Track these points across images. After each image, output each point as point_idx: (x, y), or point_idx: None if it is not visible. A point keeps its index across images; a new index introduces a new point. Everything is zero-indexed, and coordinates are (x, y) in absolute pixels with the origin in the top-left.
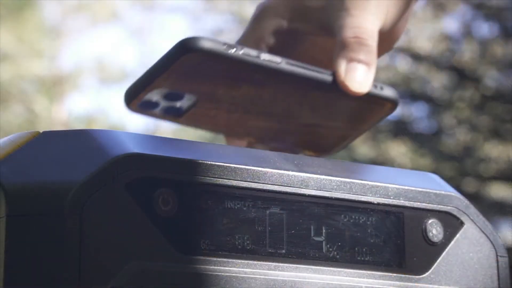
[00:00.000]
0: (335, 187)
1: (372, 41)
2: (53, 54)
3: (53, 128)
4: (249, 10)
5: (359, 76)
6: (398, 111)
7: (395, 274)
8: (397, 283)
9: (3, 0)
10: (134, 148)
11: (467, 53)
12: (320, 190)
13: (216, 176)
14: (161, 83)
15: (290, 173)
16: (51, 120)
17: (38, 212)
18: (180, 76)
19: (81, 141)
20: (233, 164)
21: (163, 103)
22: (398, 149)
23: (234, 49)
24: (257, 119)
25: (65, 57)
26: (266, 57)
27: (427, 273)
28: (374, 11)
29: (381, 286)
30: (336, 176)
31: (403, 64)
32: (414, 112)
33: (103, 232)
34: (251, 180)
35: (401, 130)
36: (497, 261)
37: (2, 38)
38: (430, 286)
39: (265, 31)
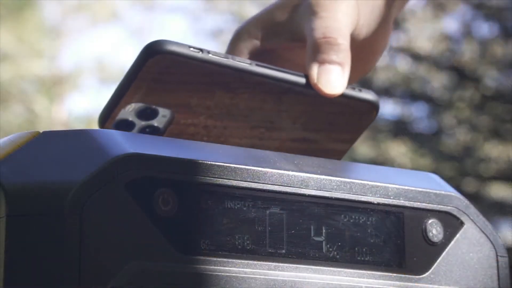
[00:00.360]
0: (335, 187)
1: (343, 39)
2: (53, 54)
3: (53, 128)
4: (249, 10)
5: (332, 77)
6: (398, 111)
7: (395, 274)
8: (397, 283)
9: (3, 0)
10: (134, 148)
11: (467, 53)
12: (320, 190)
13: (216, 176)
14: (132, 96)
15: (290, 173)
16: (51, 120)
17: (38, 212)
18: (150, 86)
19: (81, 141)
20: (233, 164)
21: (139, 123)
22: (398, 149)
23: (201, 52)
24: (237, 132)
25: (65, 57)
26: (236, 59)
27: (427, 273)
28: (344, 11)
29: (381, 286)
30: (336, 176)
31: (403, 64)
32: (414, 112)
33: (103, 232)
34: (251, 180)
35: (401, 130)
36: (497, 261)
37: (2, 38)
38: (430, 286)
39: (241, 54)
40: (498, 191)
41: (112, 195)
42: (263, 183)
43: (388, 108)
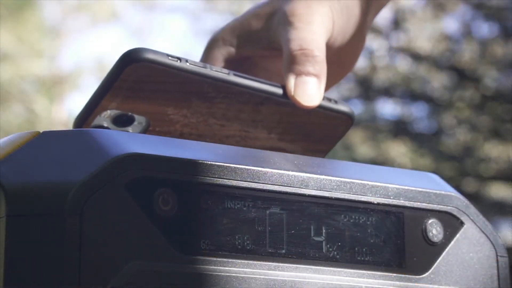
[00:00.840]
0: (335, 187)
1: (319, 51)
2: (53, 54)
3: (53, 128)
4: None
5: (309, 89)
6: (398, 111)
7: (395, 274)
8: (397, 283)
9: (3, 0)
10: (134, 148)
11: (467, 53)
12: (320, 190)
13: (216, 176)
14: (108, 103)
15: (290, 173)
16: (51, 120)
17: (38, 212)
18: (127, 94)
19: (81, 141)
20: (233, 164)
21: (114, 129)
22: (398, 149)
23: (179, 60)
24: (213, 141)
25: (65, 57)
26: (213, 68)
27: (427, 273)
28: (319, 22)
29: (381, 286)
30: (336, 176)
31: (403, 64)
32: (414, 112)
33: (103, 232)
34: (251, 180)
35: (401, 130)
36: (497, 261)
37: (2, 38)
38: (430, 286)
39: (216, 61)
40: (498, 191)
41: (112, 195)
42: (263, 183)
43: (388, 108)
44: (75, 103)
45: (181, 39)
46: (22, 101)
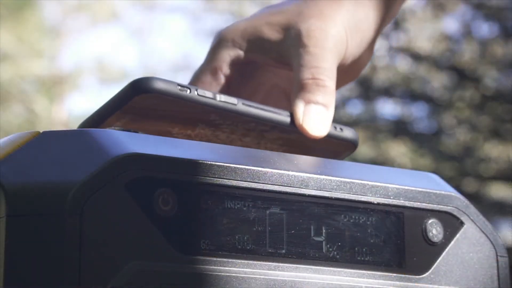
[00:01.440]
0: (335, 187)
1: (330, 81)
2: (53, 54)
3: (53, 128)
4: (249, 10)
5: (318, 119)
6: (398, 111)
7: (395, 274)
8: (397, 283)
9: (3, 0)
10: (134, 148)
11: (467, 53)
12: (320, 190)
13: (216, 176)
14: (113, 121)
15: (290, 173)
16: (51, 120)
17: (38, 212)
18: (133, 116)
19: (81, 141)
20: (233, 164)
21: None
22: (398, 149)
23: (188, 91)
24: None
25: (65, 57)
26: (221, 98)
27: (427, 273)
28: (333, 48)
29: (381, 286)
30: (336, 176)
31: (403, 64)
32: (414, 112)
33: (103, 232)
34: (251, 180)
35: (401, 130)
36: (497, 261)
37: (2, 38)
38: (430, 286)
39: (222, 61)
40: (498, 191)
41: (112, 195)
42: (263, 183)
43: (388, 108)
44: (75, 103)
45: (181, 39)
46: (22, 101)
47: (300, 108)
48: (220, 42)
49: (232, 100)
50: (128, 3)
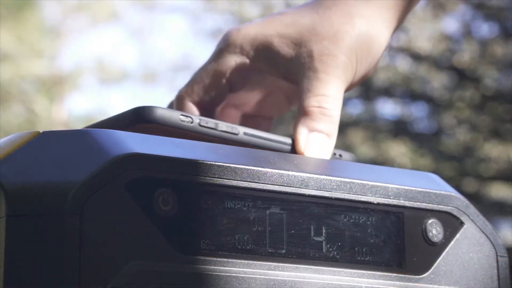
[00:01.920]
0: (335, 187)
1: (335, 111)
2: (53, 54)
3: (53, 128)
4: (249, 10)
5: (320, 148)
6: (398, 111)
7: (395, 274)
8: (397, 283)
9: (3, 0)
10: (134, 148)
11: (467, 53)
12: (320, 190)
13: (216, 176)
14: None
15: (290, 173)
16: (51, 120)
17: (38, 212)
18: None
19: (81, 141)
20: (233, 164)
21: None
22: (398, 149)
23: (190, 121)
24: None
25: (65, 57)
26: (223, 128)
27: (427, 273)
28: (342, 75)
29: (381, 286)
30: (336, 176)
31: (403, 64)
32: (414, 112)
33: (103, 232)
34: (251, 180)
35: (401, 130)
36: (497, 261)
37: (2, 38)
38: (430, 286)
39: (228, 66)
40: (498, 191)
41: (112, 195)
42: (263, 183)
43: (388, 108)
44: (75, 103)
45: (181, 39)
46: (22, 101)
47: (303, 136)
48: (228, 46)
49: (234, 129)
50: (128, 3)
